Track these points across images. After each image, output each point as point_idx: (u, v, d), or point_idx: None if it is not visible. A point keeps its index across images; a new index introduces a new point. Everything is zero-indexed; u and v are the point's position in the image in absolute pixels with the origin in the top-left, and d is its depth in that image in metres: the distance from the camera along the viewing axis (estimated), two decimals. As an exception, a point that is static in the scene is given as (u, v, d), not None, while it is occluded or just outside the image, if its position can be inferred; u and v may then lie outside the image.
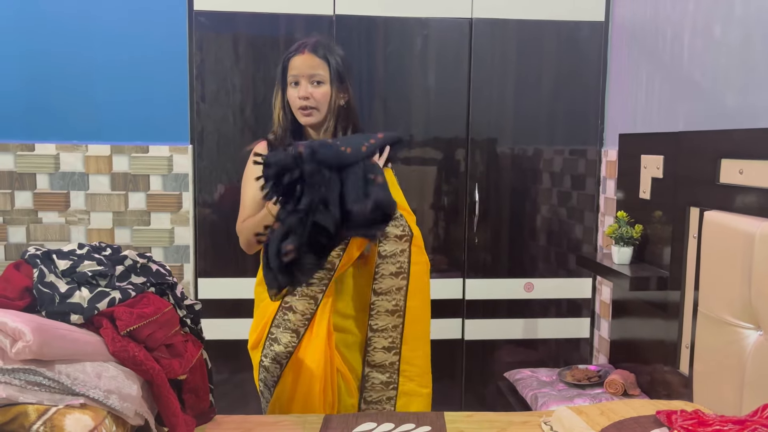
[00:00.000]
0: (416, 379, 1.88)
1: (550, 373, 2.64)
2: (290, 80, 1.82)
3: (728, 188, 1.91)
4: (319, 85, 1.80)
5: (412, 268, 1.85)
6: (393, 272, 1.83)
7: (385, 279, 1.83)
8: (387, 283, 1.83)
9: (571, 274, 3.05)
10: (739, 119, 2.01)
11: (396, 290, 1.83)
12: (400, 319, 1.84)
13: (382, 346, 1.84)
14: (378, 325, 1.84)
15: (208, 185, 2.90)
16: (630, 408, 1.71)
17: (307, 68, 1.79)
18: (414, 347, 1.87)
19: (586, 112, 2.99)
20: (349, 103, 1.87)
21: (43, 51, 2.79)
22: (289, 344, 1.82)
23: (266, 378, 1.88)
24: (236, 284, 2.93)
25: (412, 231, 1.85)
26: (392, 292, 1.83)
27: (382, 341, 1.84)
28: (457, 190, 2.99)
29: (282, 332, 1.83)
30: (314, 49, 1.81)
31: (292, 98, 1.82)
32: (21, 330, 1.27)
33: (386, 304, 1.83)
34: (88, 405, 1.33)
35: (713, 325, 1.84)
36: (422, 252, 1.90)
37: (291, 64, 1.81)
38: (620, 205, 2.65)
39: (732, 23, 2.05)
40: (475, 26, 2.91)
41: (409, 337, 1.85)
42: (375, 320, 1.84)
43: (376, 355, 1.84)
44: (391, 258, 1.82)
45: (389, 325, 1.84)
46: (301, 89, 1.80)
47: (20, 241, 2.88)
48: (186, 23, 2.83)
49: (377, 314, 1.84)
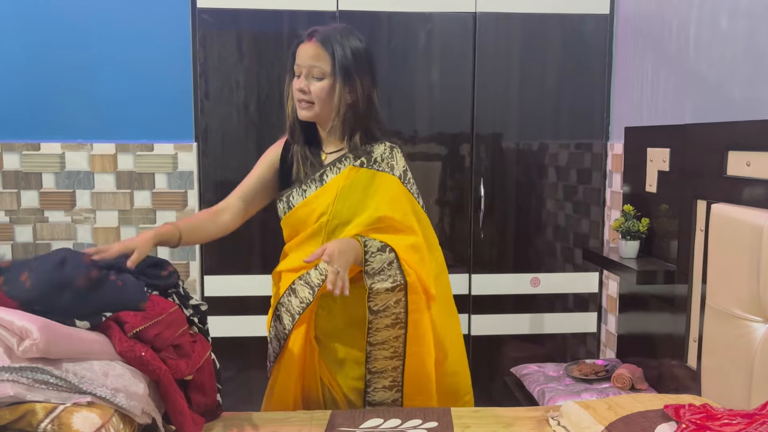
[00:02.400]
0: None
1: (557, 368, 2.64)
2: (295, 70, 1.72)
3: (735, 180, 1.90)
4: (319, 80, 1.69)
5: (410, 317, 1.71)
6: (389, 324, 1.72)
7: (381, 332, 1.72)
8: (383, 334, 1.72)
9: (578, 269, 3.04)
10: (745, 111, 2.00)
11: (394, 339, 1.73)
12: (399, 362, 1.74)
13: (383, 385, 1.77)
14: (376, 368, 1.76)
15: (212, 183, 2.90)
16: (637, 402, 1.70)
17: (308, 59, 1.68)
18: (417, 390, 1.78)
19: (591, 105, 2.97)
20: (357, 102, 1.72)
21: (46, 50, 2.80)
22: (288, 325, 1.79)
23: (269, 353, 1.90)
24: (242, 282, 2.94)
25: (405, 279, 1.68)
26: (390, 341, 1.73)
27: (382, 381, 1.77)
28: (462, 185, 2.98)
29: (284, 312, 1.80)
30: (323, 38, 1.67)
31: (294, 89, 1.72)
32: (28, 328, 1.27)
33: (384, 353, 1.74)
34: (96, 403, 1.33)
35: (721, 318, 1.83)
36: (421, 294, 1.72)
37: (297, 53, 1.71)
38: (626, 198, 2.64)
39: (738, 15, 2.03)
40: (479, 20, 2.90)
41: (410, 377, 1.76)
42: (373, 364, 1.75)
43: (376, 395, 1.77)
44: (384, 312, 1.70)
45: (389, 368, 1.75)
46: (299, 81, 1.70)
47: (27, 240, 2.89)
48: (189, 21, 2.83)
49: (374, 360, 1.75)
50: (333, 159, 1.76)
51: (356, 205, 1.70)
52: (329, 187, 1.72)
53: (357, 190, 1.71)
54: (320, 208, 1.72)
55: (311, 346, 1.79)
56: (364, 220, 1.69)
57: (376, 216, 1.69)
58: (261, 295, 2.93)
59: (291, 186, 1.78)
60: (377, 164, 1.74)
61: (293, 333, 1.76)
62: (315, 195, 1.73)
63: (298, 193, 1.76)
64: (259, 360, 2.97)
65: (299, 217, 1.76)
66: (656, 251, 2.40)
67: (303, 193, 1.75)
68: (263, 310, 2.94)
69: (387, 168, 1.75)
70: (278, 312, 1.82)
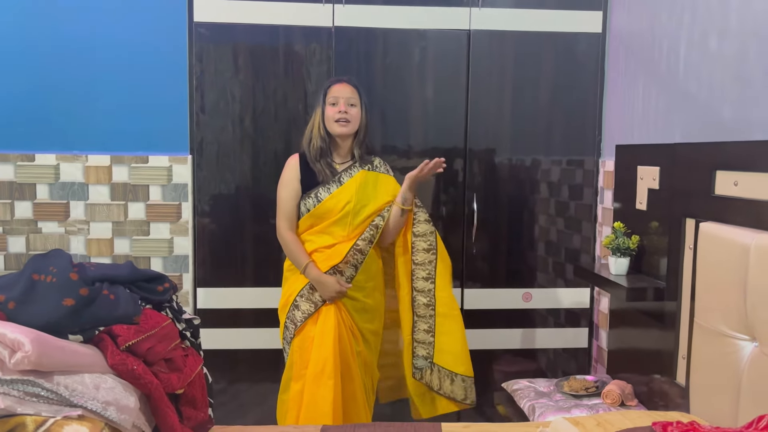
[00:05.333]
0: (447, 303, 2.45)
1: (548, 383, 2.64)
2: (330, 101, 2.40)
3: (723, 200, 1.92)
4: (353, 107, 2.41)
5: (438, 244, 2.48)
6: (425, 248, 2.45)
7: (419, 253, 2.45)
8: (421, 256, 2.45)
9: (570, 284, 3.06)
10: (734, 132, 2.03)
11: (428, 263, 2.45)
12: (432, 284, 2.46)
13: (422, 276, 2.45)
14: (418, 288, 2.45)
15: (207, 195, 2.91)
16: (626, 419, 1.71)
17: (346, 92, 2.41)
18: (441, 286, 2.47)
19: (583, 122, 3.01)
20: (365, 123, 2.49)
21: (42, 62, 2.81)
22: (306, 311, 2.37)
23: (286, 335, 2.42)
24: (235, 294, 2.94)
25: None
26: (425, 264, 2.44)
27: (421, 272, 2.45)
28: (455, 200, 3.00)
29: (304, 302, 2.38)
30: (349, 81, 2.45)
31: (330, 113, 2.39)
32: (20, 341, 1.28)
33: (421, 273, 2.44)
34: (86, 416, 1.33)
35: (709, 336, 1.85)
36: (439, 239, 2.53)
37: (332, 90, 2.41)
38: (617, 215, 2.66)
39: (727, 36, 2.07)
40: (473, 38, 2.93)
41: (438, 278, 2.45)
42: (416, 284, 2.46)
43: (418, 283, 2.45)
44: (422, 237, 2.45)
45: (425, 289, 2.45)
46: (339, 106, 2.39)
47: (20, 251, 2.88)
48: (186, 34, 2.85)
49: (416, 279, 2.46)
50: (345, 167, 2.47)
51: (369, 195, 2.45)
52: (348, 185, 2.43)
53: (368, 185, 2.46)
54: (345, 199, 2.41)
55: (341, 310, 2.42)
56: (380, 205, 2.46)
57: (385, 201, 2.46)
58: (253, 307, 2.94)
59: (316, 187, 2.42)
60: (378, 168, 2.52)
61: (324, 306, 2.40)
62: (339, 191, 2.41)
63: (324, 191, 2.42)
64: (251, 372, 2.98)
65: (328, 207, 2.40)
66: (646, 268, 2.42)
67: (328, 190, 2.42)
68: (255, 322, 2.96)
69: (385, 171, 2.55)
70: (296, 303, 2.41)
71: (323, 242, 2.41)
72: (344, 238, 2.40)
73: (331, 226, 2.41)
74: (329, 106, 2.41)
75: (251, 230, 2.94)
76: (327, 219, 2.41)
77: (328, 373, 2.27)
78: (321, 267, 2.37)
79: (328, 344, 2.31)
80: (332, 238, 2.41)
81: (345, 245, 2.39)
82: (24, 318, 1.38)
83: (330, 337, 2.32)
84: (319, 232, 2.43)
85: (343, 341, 2.35)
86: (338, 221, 2.40)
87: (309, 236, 2.44)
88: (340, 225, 2.41)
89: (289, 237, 2.42)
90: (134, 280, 1.62)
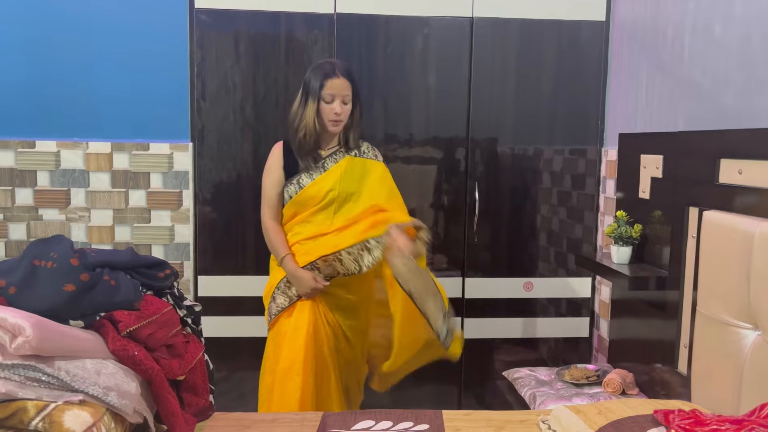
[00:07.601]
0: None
1: (549, 372, 2.64)
2: (326, 98, 2.26)
3: (727, 188, 1.91)
4: (345, 104, 2.29)
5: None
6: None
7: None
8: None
9: (571, 274, 3.06)
10: (738, 119, 2.01)
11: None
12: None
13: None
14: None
15: (208, 183, 2.91)
16: (628, 407, 1.71)
17: (342, 89, 2.27)
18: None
19: (586, 111, 2.99)
20: (360, 111, 2.38)
21: (43, 49, 2.80)
22: (280, 305, 2.30)
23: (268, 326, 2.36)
24: (236, 282, 2.94)
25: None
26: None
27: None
28: (457, 189, 2.99)
29: (280, 294, 2.30)
30: (345, 72, 2.29)
31: (326, 111, 2.27)
32: (21, 325, 1.27)
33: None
34: (87, 401, 1.33)
35: (711, 325, 1.85)
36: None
37: (328, 84, 2.26)
38: (620, 204, 2.65)
39: (732, 23, 2.05)
40: (476, 25, 2.91)
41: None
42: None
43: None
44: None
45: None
46: (335, 107, 2.27)
47: (21, 238, 2.88)
48: (187, 21, 2.84)
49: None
50: (330, 153, 2.36)
51: (356, 183, 2.33)
52: (332, 172, 2.32)
53: (354, 172, 2.34)
54: (327, 186, 2.29)
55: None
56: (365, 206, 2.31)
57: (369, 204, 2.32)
58: (254, 295, 2.93)
59: (298, 173, 2.32)
60: (365, 154, 2.40)
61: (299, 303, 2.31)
62: (321, 177, 2.31)
63: (306, 177, 2.31)
64: (252, 360, 2.98)
65: (310, 194, 2.29)
66: (648, 257, 2.41)
67: (311, 176, 2.31)
68: (256, 310, 2.95)
69: (372, 156, 2.42)
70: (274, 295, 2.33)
71: (307, 232, 2.31)
72: (328, 227, 2.29)
73: (314, 214, 2.31)
74: (325, 102, 2.28)
75: (252, 218, 2.93)
76: (309, 207, 2.30)
77: (297, 370, 2.19)
78: (299, 261, 2.27)
79: (299, 340, 2.22)
80: (315, 227, 2.30)
81: (328, 240, 2.27)
82: (25, 303, 1.38)
83: (302, 333, 2.23)
84: (302, 221, 2.33)
85: (319, 338, 2.26)
86: (321, 209, 2.30)
87: (293, 226, 2.35)
88: (323, 213, 2.30)
89: (269, 225, 2.34)
90: (135, 266, 1.61)
